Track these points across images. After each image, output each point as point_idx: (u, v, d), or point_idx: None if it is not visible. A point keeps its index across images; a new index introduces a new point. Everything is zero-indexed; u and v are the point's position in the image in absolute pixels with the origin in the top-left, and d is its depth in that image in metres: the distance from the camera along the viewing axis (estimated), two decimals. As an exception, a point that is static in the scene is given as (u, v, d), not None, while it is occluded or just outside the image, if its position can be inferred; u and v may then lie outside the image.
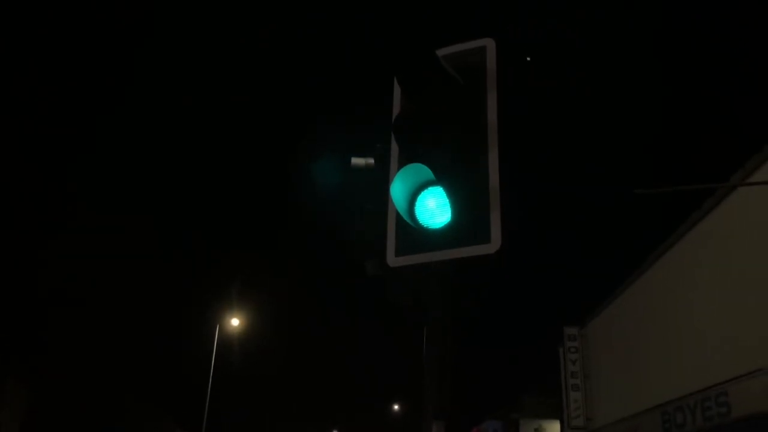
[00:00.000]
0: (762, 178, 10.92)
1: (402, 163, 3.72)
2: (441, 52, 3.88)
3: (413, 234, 3.64)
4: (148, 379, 31.67)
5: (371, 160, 4.10)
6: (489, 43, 3.92)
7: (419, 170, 3.57)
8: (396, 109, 3.95)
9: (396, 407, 60.35)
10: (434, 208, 3.65)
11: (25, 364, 22.74)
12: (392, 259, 3.69)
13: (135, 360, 30.11)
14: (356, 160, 4.13)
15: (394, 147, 3.88)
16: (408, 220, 3.62)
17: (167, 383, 33.46)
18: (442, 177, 3.56)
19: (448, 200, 3.56)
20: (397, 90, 4.00)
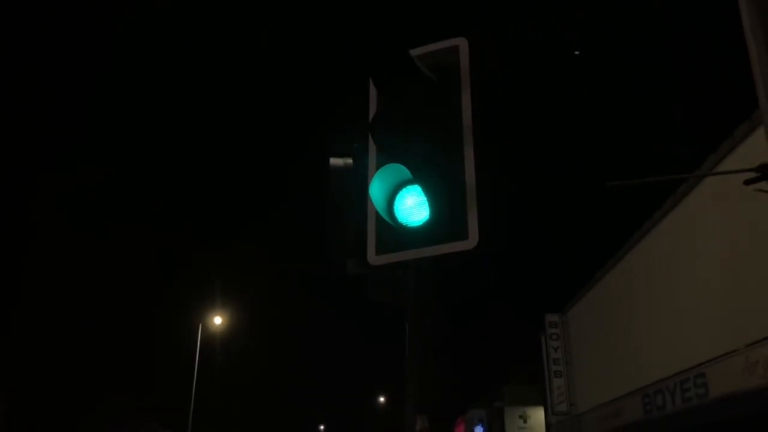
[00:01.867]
0: (732, 163, 11.15)
1: (380, 164, 3.78)
2: (414, 52, 3.93)
3: (393, 233, 3.70)
4: (131, 380, 31.48)
5: (350, 161, 4.15)
6: (462, 42, 3.98)
7: (397, 170, 3.63)
8: (372, 110, 4.00)
9: (381, 399, 60.59)
10: (413, 207, 3.72)
11: (2, 370, 22.50)
12: (373, 258, 3.75)
13: (116, 361, 29.92)
14: (335, 161, 4.18)
15: (372, 147, 3.94)
16: (387, 219, 3.68)
17: (150, 384, 33.30)
18: (419, 176, 3.63)
19: (426, 198, 3.62)
20: (372, 90, 4.05)
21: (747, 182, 8.27)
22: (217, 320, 31.22)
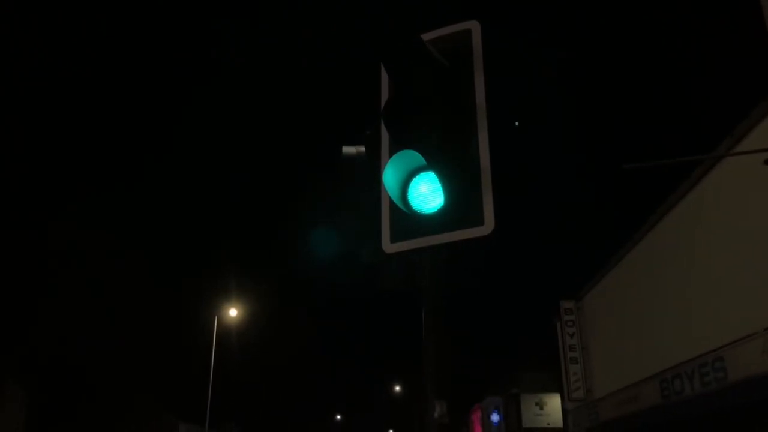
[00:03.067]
0: (749, 144, 10.99)
1: (393, 150, 3.73)
2: (426, 37, 3.87)
3: (408, 220, 3.67)
4: (147, 373, 31.74)
5: (362, 148, 4.11)
6: (474, 26, 3.91)
7: (410, 156, 3.59)
8: (384, 96, 3.96)
9: (397, 388, 60.76)
10: (427, 193, 3.68)
11: (23, 365, 22.76)
12: (388, 246, 3.72)
13: (133, 355, 30.17)
14: (347, 149, 4.14)
15: (385, 134, 3.89)
16: (402, 207, 3.65)
17: (167, 376, 33.56)
18: (433, 162, 3.58)
19: (440, 185, 3.58)
20: (384, 77, 4.00)
21: (767, 162, 8.16)
22: (233, 312, 31.35)
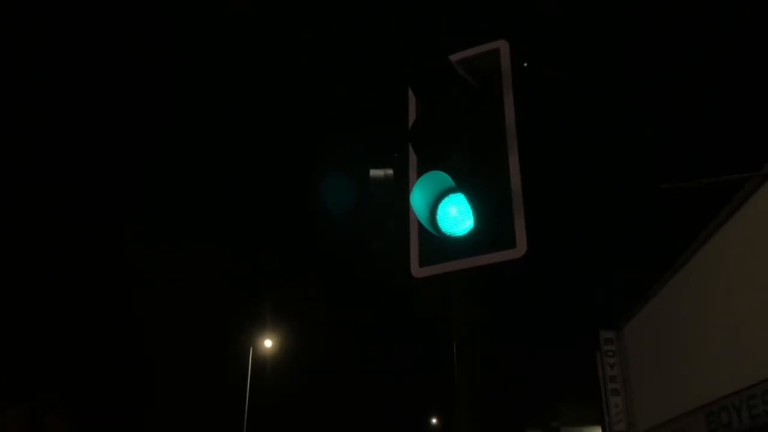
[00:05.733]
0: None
1: (421, 172, 3.65)
2: (454, 57, 3.82)
3: (436, 243, 3.56)
4: (182, 405, 31.86)
5: (390, 171, 4.04)
6: (503, 45, 3.84)
7: (439, 178, 3.49)
8: (412, 118, 3.90)
9: (434, 421, 59.66)
10: (456, 216, 3.57)
11: (64, 400, 23.07)
12: (416, 270, 3.61)
13: (168, 386, 30.35)
14: (375, 172, 4.07)
15: (412, 156, 3.82)
16: (430, 229, 3.54)
17: (202, 408, 33.60)
18: (463, 183, 3.48)
19: (469, 207, 3.48)
20: (412, 98, 3.94)
21: None
22: (268, 343, 31.27)
